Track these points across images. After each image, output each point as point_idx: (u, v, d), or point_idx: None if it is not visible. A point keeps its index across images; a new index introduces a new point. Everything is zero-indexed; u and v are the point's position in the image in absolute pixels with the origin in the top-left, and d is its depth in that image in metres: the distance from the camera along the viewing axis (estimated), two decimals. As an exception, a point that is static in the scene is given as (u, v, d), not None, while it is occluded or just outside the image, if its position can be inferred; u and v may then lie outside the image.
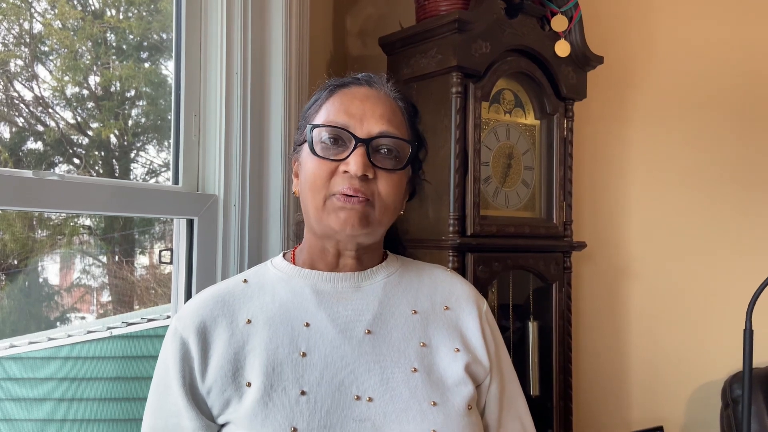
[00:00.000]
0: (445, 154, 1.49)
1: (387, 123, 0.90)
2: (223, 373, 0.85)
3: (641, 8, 2.05)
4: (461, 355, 0.93)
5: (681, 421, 2.02)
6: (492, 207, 1.58)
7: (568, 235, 1.71)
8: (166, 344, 0.89)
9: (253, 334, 0.88)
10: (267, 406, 0.82)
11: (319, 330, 0.89)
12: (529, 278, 1.69)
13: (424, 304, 0.97)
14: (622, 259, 2.04)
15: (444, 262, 1.46)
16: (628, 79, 2.04)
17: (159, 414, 0.87)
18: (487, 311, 1.01)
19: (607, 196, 2.05)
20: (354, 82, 0.96)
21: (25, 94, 1.39)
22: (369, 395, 0.85)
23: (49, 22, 1.41)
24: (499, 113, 1.62)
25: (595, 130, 2.00)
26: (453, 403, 0.88)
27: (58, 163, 1.50)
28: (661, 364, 2.02)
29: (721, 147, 2.04)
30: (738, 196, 2.04)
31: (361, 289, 0.94)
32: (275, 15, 1.31)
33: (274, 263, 0.98)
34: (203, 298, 0.92)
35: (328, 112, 0.92)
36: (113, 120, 1.56)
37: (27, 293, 1.63)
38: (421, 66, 1.55)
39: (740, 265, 2.00)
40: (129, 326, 1.68)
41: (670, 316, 2.03)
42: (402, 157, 0.92)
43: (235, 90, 1.25)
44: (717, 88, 2.04)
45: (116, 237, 1.82)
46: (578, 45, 1.68)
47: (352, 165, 0.87)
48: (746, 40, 2.04)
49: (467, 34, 1.47)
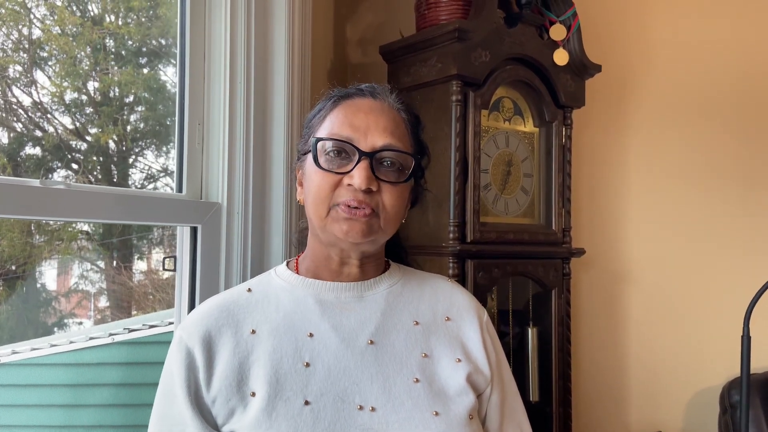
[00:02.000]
0: (445, 161, 1.50)
1: (390, 136, 0.91)
2: (228, 383, 0.85)
3: (639, 17, 2.06)
4: (462, 365, 0.93)
5: (679, 427, 2.03)
6: (491, 214, 1.59)
7: (567, 241, 1.72)
8: (172, 353, 0.89)
9: (258, 344, 0.88)
10: (271, 416, 0.83)
11: (323, 340, 0.90)
12: (529, 284, 1.70)
13: (426, 314, 0.97)
14: (621, 266, 2.05)
15: (444, 268, 1.47)
16: (625, 87, 2.05)
17: (164, 422, 0.87)
18: (488, 321, 1.02)
19: (605, 202, 2.05)
20: (358, 93, 0.96)
21: (23, 99, 1.39)
22: (372, 405, 0.86)
23: (49, 28, 1.41)
24: (499, 121, 1.63)
25: (594, 137, 2.02)
26: (455, 413, 0.88)
27: (56, 168, 1.50)
28: (659, 369, 2.03)
29: (720, 154, 2.05)
30: (736, 200, 2.04)
31: (364, 299, 0.95)
32: (278, 24, 1.31)
33: (278, 272, 0.99)
34: (208, 307, 0.93)
35: (332, 124, 0.92)
36: (112, 125, 1.56)
37: (25, 299, 1.63)
38: (422, 74, 1.56)
39: (738, 271, 2.01)
40: (131, 332, 1.69)
41: (668, 322, 2.04)
42: (405, 169, 0.92)
43: (238, 98, 1.26)
44: (715, 96, 2.05)
45: (114, 242, 1.82)
46: (576, 53, 1.69)
47: (356, 178, 0.87)
48: (744, 47, 2.05)
49: (467, 43, 1.48)
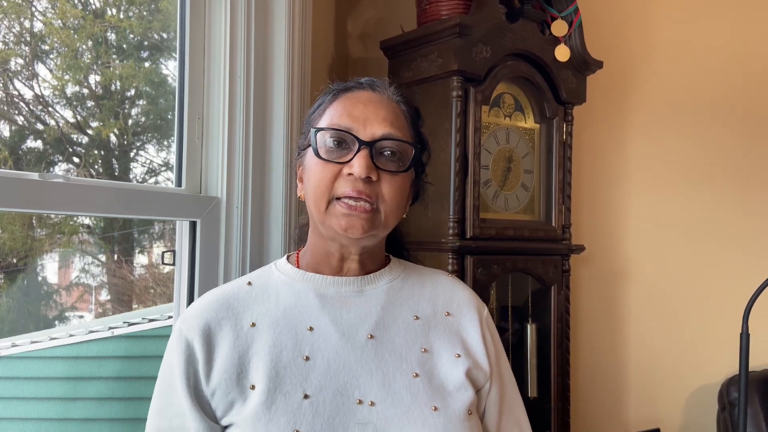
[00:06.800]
0: (446, 157, 1.50)
1: (390, 126, 0.91)
2: (228, 376, 0.85)
3: (640, 13, 2.06)
4: (462, 360, 0.93)
5: (678, 424, 2.04)
6: (491, 210, 1.59)
7: (566, 238, 1.72)
8: (171, 346, 0.89)
9: (258, 338, 0.88)
10: (270, 409, 0.83)
11: (323, 334, 0.90)
12: (528, 281, 1.70)
13: (426, 309, 0.97)
14: (621, 263, 2.05)
15: (443, 264, 1.47)
16: (627, 84, 2.05)
17: (164, 414, 0.88)
18: (488, 317, 1.02)
19: (605, 199, 2.05)
20: (357, 86, 0.96)
21: (25, 92, 1.39)
22: (371, 399, 0.86)
23: (50, 21, 1.41)
24: (499, 117, 1.62)
25: (595, 134, 2.01)
26: (454, 408, 0.88)
27: (57, 161, 1.50)
28: (658, 366, 2.03)
29: (720, 150, 2.05)
30: (736, 199, 2.05)
31: (364, 294, 0.95)
32: (278, 18, 1.31)
33: (278, 266, 0.99)
34: (208, 300, 0.93)
35: (331, 116, 0.93)
36: (113, 119, 1.56)
37: (26, 292, 1.63)
38: (422, 69, 1.55)
39: (737, 269, 2.01)
40: (130, 326, 1.69)
41: (667, 320, 2.04)
42: (405, 160, 0.92)
43: (238, 93, 1.26)
44: (717, 92, 2.05)
45: (115, 236, 1.82)
46: (578, 50, 1.69)
47: (356, 167, 0.87)
48: (745, 43, 2.05)
49: (468, 39, 1.48)
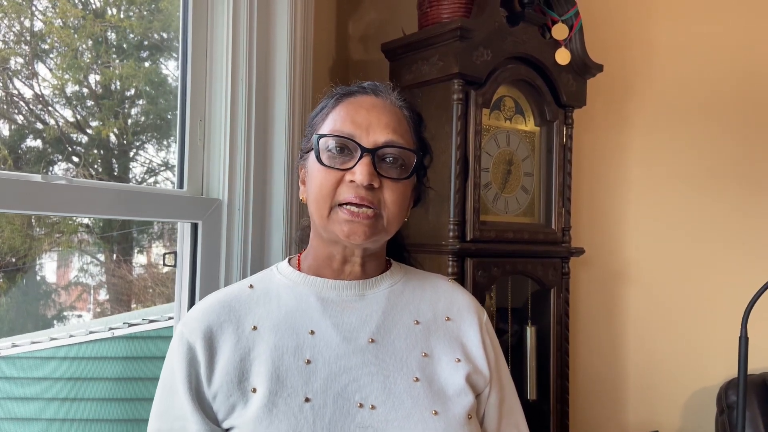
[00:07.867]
0: (446, 159, 1.50)
1: (392, 132, 0.91)
2: (229, 379, 0.86)
3: (641, 17, 2.06)
4: (462, 365, 0.94)
5: (676, 427, 2.04)
6: (491, 212, 1.60)
7: (566, 240, 1.72)
8: (173, 348, 0.89)
9: (259, 341, 0.89)
10: (271, 413, 0.83)
11: (324, 338, 0.90)
12: (528, 283, 1.71)
13: (426, 314, 0.98)
14: (620, 265, 2.06)
15: (443, 266, 1.47)
16: (627, 87, 2.05)
17: (165, 417, 0.88)
18: (487, 322, 1.03)
19: (605, 202, 2.06)
20: (360, 91, 0.96)
21: (25, 92, 1.39)
22: (372, 403, 0.86)
23: (50, 20, 1.41)
24: (500, 120, 1.63)
25: (595, 137, 2.02)
26: (454, 413, 0.89)
27: (57, 161, 1.50)
28: (657, 369, 2.04)
29: (720, 154, 2.05)
30: (735, 202, 2.05)
31: (365, 298, 0.95)
32: (280, 20, 1.31)
33: (280, 269, 0.99)
34: (210, 302, 0.93)
35: (334, 122, 0.93)
36: (113, 119, 1.56)
37: (25, 291, 1.63)
38: (423, 72, 1.56)
39: (737, 272, 2.01)
40: (131, 327, 1.69)
41: (666, 323, 2.04)
42: (407, 166, 0.93)
43: (240, 95, 1.26)
44: (716, 97, 2.05)
45: (114, 236, 1.82)
46: (578, 53, 1.69)
47: (359, 174, 0.87)
48: (746, 47, 2.05)
49: (469, 42, 1.48)
